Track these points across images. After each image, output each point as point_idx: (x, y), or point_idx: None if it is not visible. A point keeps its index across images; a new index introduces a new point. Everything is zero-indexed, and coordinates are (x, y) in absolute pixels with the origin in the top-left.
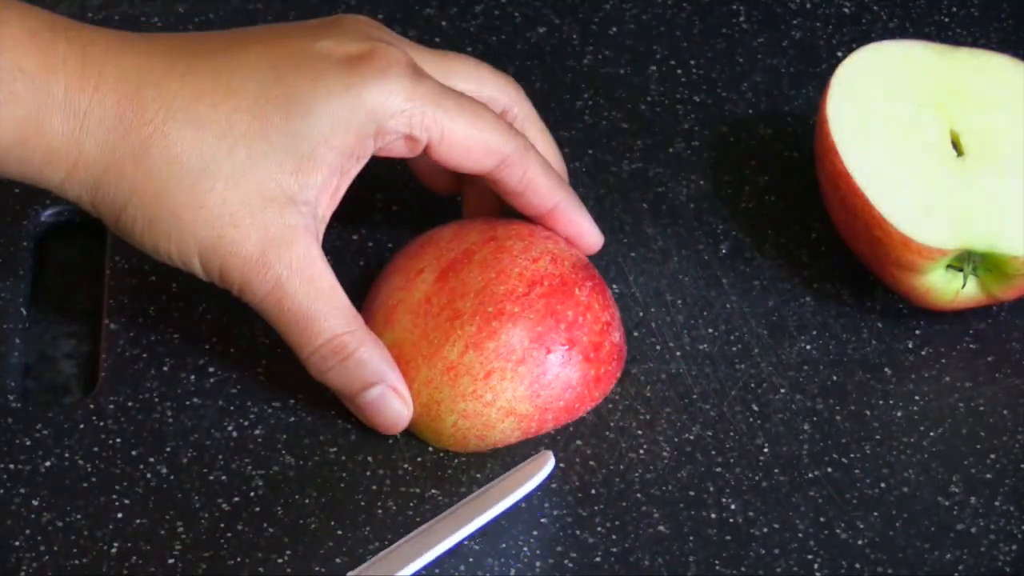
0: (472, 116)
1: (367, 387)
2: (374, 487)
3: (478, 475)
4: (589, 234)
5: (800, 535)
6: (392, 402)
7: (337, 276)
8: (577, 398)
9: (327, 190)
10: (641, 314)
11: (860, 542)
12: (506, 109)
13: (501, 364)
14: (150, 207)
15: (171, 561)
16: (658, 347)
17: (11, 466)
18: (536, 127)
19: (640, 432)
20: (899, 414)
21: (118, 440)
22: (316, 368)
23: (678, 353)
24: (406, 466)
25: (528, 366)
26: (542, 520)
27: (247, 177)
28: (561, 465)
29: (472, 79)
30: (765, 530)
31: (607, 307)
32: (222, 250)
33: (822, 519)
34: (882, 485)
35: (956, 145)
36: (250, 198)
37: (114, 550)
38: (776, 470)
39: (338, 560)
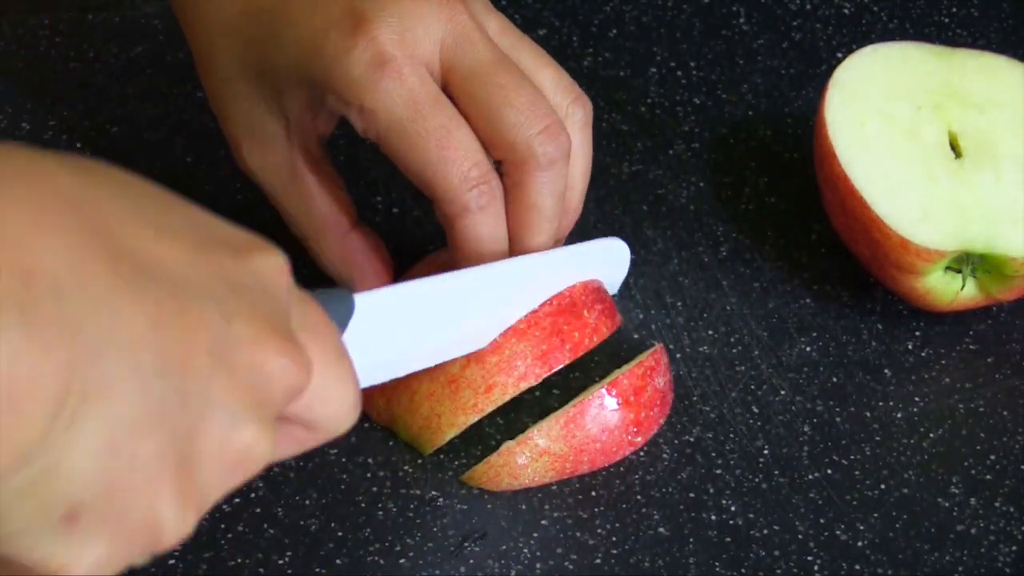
0: (419, 137)
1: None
2: (374, 489)
3: None
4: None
5: (800, 536)
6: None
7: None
8: (616, 442)
9: (304, 122)
10: (641, 316)
11: (860, 543)
12: (510, 148)
13: (503, 379)
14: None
15: (171, 561)
16: None
17: None
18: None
19: None
20: (899, 415)
21: None
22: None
23: (678, 355)
24: (406, 468)
25: (529, 382)
26: (542, 522)
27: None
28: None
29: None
30: (765, 532)
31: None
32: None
33: (822, 520)
34: (882, 486)
35: (955, 146)
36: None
37: None
38: (776, 472)
39: (338, 561)
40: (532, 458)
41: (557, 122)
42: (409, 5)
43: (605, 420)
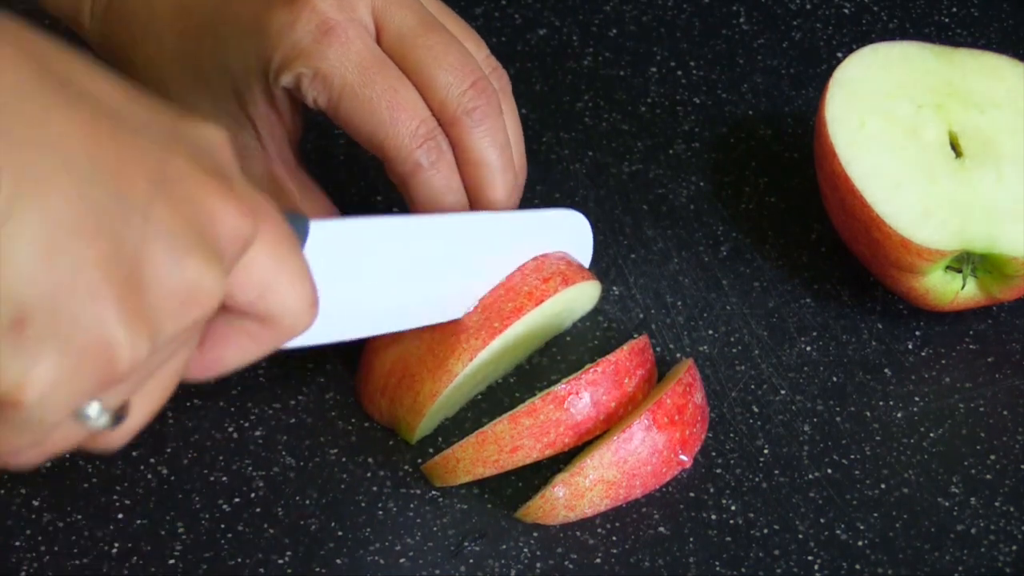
0: (369, 100)
1: None
2: (374, 488)
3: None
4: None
5: (800, 536)
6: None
7: None
8: (665, 463)
9: (270, 118)
10: (641, 316)
11: (860, 543)
12: (443, 104)
13: (531, 443)
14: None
15: (171, 561)
16: (658, 348)
17: None
18: (481, 134)
19: None
20: (899, 415)
21: None
22: None
23: (678, 355)
24: (406, 467)
25: (555, 449)
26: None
27: (198, 85)
28: (559, 466)
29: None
30: (765, 531)
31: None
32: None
33: (822, 520)
34: (882, 486)
35: (955, 146)
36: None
37: (114, 550)
38: (776, 471)
39: (338, 560)
40: (586, 488)
41: (484, 78)
42: None
43: (653, 442)
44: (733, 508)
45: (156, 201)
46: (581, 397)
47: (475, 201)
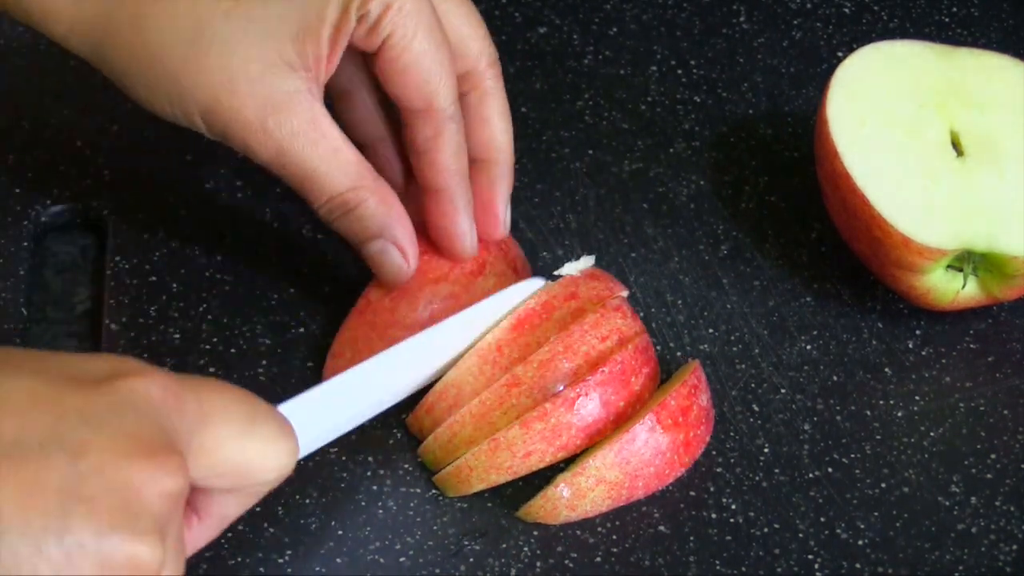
0: (438, 44)
1: (368, 240)
2: (374, 487)
3: None
4: (458, 239)
5: (800, 535)
6: (392, 256)
7: (334, 279)
8: (668, 464)
9: (323, 59)
10: (642, 314)
11: (860, 542)
12: (472, 71)
13: (543, 447)
14: (149, 72)
15: None
16: (659, 347)
17: None
18: (498, 102)
19: None
20: (899, 414)
21: None
22: (324, 219)
23: (679, 353)
24: (406, 466)
25: (568, 452)
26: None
27: (244, 42)
28: (561, 466)
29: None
30: (765, 530)
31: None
32: (223, 115)
33: (822, 519)
34: (882, 485)
35: (956, 145)
36: (247, 64)
37: None
38: (776, 470)
39: (338, 560)
40: (588, 488)
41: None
42: None
43: (657, 443)
44: (733, 507)
45: (72, 512)
46: (591, 398)
47: (481, 152)
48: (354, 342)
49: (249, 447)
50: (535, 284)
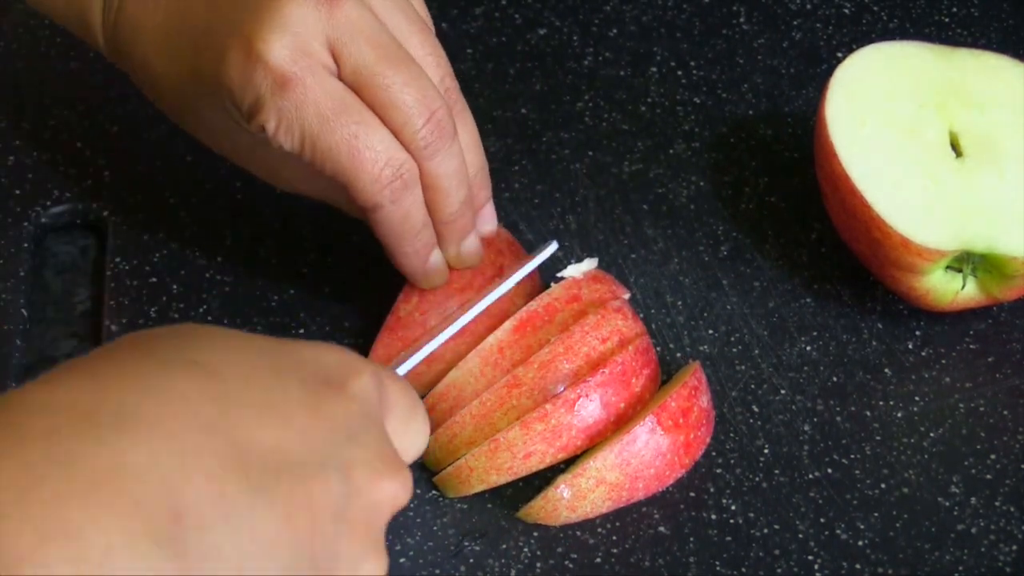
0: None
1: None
2: None
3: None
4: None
5: (800, 536)
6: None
7: (334, 280)
8: (668, 465)
9: None
10: (642, 315)
11: (860, 543)
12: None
13: (543, 448)
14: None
15: None
16: (659, 348)
17: None
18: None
19: None
20: (899, 415)
21: None
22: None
23: (679, 354)
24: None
25: (568, 453)
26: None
27: None
28: (562, 467)
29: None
30: (765, 531)
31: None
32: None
33: (822, 520)
34: (882, 486)
35: (955, 146)
36: None
37: None
38: (776, 471)
39: None
40: (589, 489)
41: (440, 108)
42: (289, 10)
43: (657, 445)
44: (733, 508)
45: (340, 535)
46: (591, 400)
47: (433, 216)
48: (389, 361)
49: (405, 438)
50: (551, 248)
